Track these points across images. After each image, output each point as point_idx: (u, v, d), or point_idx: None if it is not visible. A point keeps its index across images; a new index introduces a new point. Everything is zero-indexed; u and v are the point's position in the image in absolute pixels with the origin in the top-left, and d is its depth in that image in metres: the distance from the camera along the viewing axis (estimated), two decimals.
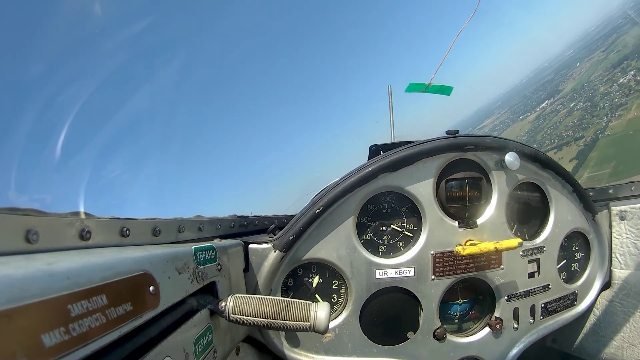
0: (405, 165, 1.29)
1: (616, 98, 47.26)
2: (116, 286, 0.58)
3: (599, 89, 55.57)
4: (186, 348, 0.76)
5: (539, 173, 1.46)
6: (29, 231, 0.56)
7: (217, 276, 0.97)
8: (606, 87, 54.68)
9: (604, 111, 48.55)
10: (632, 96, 46.44)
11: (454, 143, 1.32)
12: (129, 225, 0.77)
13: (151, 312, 0.66)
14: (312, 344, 1.28)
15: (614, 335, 1.56)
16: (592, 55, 72.91)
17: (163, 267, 0.72)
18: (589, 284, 1.59)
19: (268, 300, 0.91)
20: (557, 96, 71.60)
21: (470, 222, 1.37)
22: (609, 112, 46.96)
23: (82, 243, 0.65)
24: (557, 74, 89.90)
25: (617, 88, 51.45)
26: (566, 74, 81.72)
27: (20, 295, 0.43)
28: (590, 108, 53.05)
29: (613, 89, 51.65)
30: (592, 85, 60.55)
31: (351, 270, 1.28)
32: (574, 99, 61.20)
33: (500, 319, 1.41)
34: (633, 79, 49.55)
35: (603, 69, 61.84)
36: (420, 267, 1.32)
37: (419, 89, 1.73)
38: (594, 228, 1.57)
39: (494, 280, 1.39)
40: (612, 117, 45.47)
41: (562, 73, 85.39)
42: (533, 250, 1.45)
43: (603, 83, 57.48)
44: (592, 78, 64.09)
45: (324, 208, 1.22)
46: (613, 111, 46.33)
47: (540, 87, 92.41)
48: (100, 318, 0.53)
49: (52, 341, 0.45)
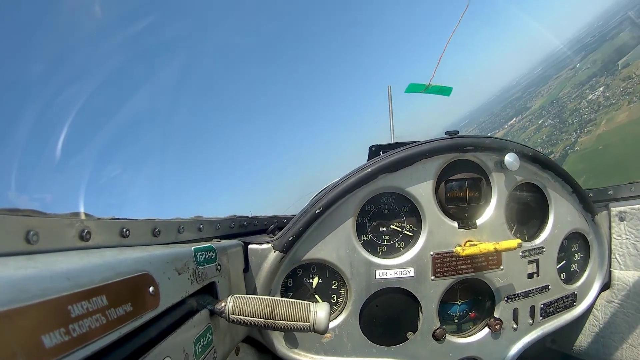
0: (405, 166, 1.29)
1: (585, 114, 47.64)
2: (116, 287, 0.58)
3: (568, 105, 55.99)
4: (186, 348, 0.76)
5: (538, 174, 1.46)
6: (29, 232, 0.56)
7: (217, 277, 0.97)
8: (575, 103, 55.09)
9: (573, 127, 48.83)
10: (601, 112, 46.88)
11: (453, 144, 1.33)
12: (129, 225, 0.77)
13: (151, 313, 0.66)
14: (312, 344, 1.28)
15: (613, 336, 1.57)
16: (561, 72, 73.29)
17: (163, 268, 0.73)
18: (588, 285, 1.59)
19: (268, 300, 0.91)
20: (526, 113, 71.59)
21: (470, 223, 1.37)
22: (578, 128, 47.31)
23: (82, 244, 0.66)
24: (525, 91, 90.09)
25: (586, 104, 51.83)
26: (534, 92, 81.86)
27: (20, 296, 0.43)
28: (559, 124, 53.32)
29: (582, 105, 52.10)
30: (560, 102, 61.07)
31: (351, 271, 1.28)
32: (543, 116, 61.50)
33: (500, 320, 1.42)
34: (602, 95, 49.91)
35: (572, 86, 62.42)
36: (420, 267, 1.32)
37: (419, 90, 1.74)
38: (593, 229, 1.57)
39: (494, 280, 1.40)
40: (582, 132, 45.96)
41: (530, 90, 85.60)
42: (532, 251, 1.45)
43: (572, 100, 57.90)
44: (560, 95, 64.59)
45: (323, 208, 1.23)
46: (582, 127, 46.68)
47: (508, 104, 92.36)
48: (101, 319, 0.53)
49: (53, 342, 0.45)
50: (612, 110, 44.28)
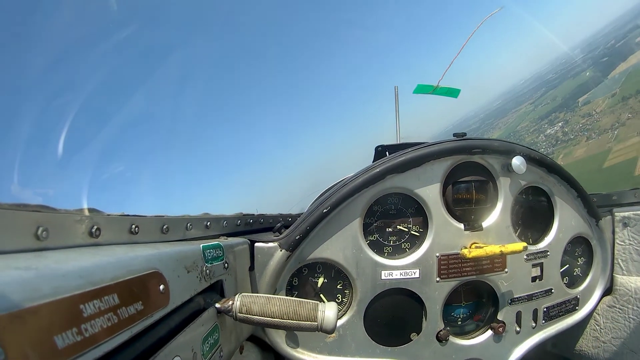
0: (413, 167, 1.29)
1: (542, 148, 48.37)
2: (127, 285, 0.57)
3: (525, 138, 57.05)
4: (194, 347, 0.75)
5: (544, 177, 1.46)
6: (38, 228, 0.54)
7: (224, 275, 0.96)
8: (533, 137, 55.97)
9: None
10: (559, 146, 47.76)
11: (461, 146, 1.32)
12: (138, 222, 0.76)
13: (161, 312, 0.65)
14: (316, 343, 1.28)
15: (614, 340, 1.57)
16: (520, 106, 73.98)
17: (173, 266, 0.71)
18: (590, 289, 1.59)
19: (275, 299, 0.90)
20: None
21: (476, 225, 1.37)
22: None
23: (91, 240, 0.64)
24: (483, 122, 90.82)
25: (543, 138, 52.71)
26: (492, 124, 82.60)
27: (32, 295, 0.42)
28: None
29: (540, 139, 52.98)
30: (518, 135, 61.93)
31: (357, 271, 1.28)
32: None
33: (503, 322, 1.42)
34: (560, 130, 50.80)
35: (530, 120, 63.19)
36: (426, 268, 1.31)
37: (427, 91, 1.72)
38: (597, 234, 1.57)
39: (498, 283, 1.40)
40: None
41: (488, 122, 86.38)
42: (537, 255, 1.45)
43: (530, 133, 58.74)
44: (518, 128, 65.36)
45: (331, 208, 1.22)
46: None
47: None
48: (112, 318, 0.52)
49: (65, 343, 0.44)
50: (570, 146, 45.64)
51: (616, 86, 47.63)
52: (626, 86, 45.51)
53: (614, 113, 42.69)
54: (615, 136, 36.97)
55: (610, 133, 38.02)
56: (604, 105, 45.89)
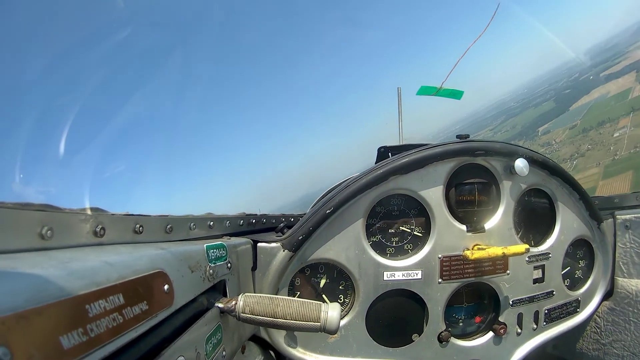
0: (416, 168, 1.28)
1: None
2: (133, 285, 0.56)
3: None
4: (198, 347, 0.75)
5: (547, 180, 1.46)
6: (43, 227, 0.54)
7: (227, 275, 0.96)
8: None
9: None
10: None
11: (464, 147, 1.32)
12: (142, 222, 0.76)
13: (165, 312, 0.64)
14: (318, 344, 1.28)
15: (615, 343, 1.58)
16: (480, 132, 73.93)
17: (177, 266, 0.71)
18: (591, 292, 1.59)
19: (279, 300, 0.90)
20: None
21: (478, 227, 1.37)
22: None
23: (96, 240, 0.64)
24: None
25: None
26: None
27: (38, 295, 0.42)
28: None
29: None
30: None
31: (359, 272, 1.28)
32: None
33: (504, 324, 1.42)
34: None
35: None
36: (428, 270, 1.31)
37: (430, 92, 1.72)
38: (598, 236, 1.57)
39: (500, 285, 1.40)
40: None
41: None
42: (539, 257, 1.45)
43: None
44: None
45: (334, 209, 1.21)
46: None
47: None
48: (117, 318, 0.52)
49: (71, 343, 0.43)
50: None
51: (577, 118, 47.69)
52: (587, 118, 45.52)
53: (573, 144, 42.76)
54: (574, 166, 36.90)
55: (569, 163, 37.86)
56: (564, 136, 46.03)
